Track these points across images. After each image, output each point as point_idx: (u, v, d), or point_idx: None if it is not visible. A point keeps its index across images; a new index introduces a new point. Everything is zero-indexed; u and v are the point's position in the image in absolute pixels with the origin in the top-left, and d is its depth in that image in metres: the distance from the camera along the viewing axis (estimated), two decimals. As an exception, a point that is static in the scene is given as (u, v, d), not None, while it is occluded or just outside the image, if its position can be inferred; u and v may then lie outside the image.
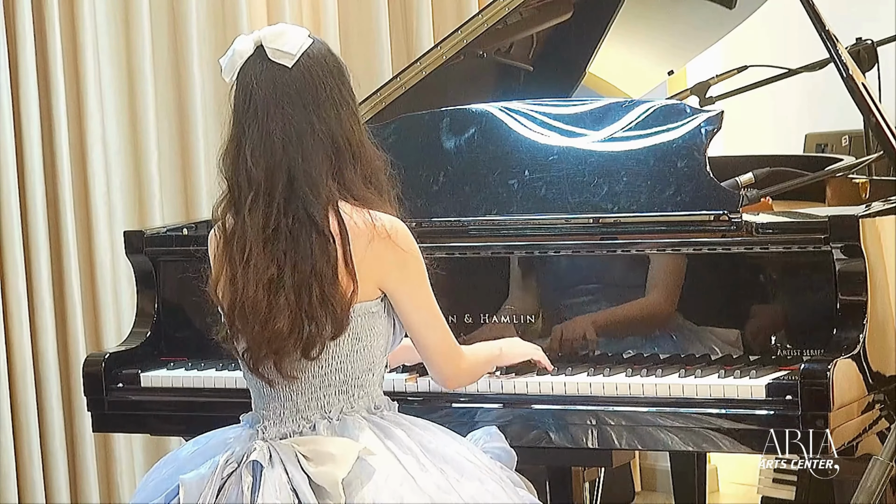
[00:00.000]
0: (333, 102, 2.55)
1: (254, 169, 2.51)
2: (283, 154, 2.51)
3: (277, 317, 2.49)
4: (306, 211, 2.50)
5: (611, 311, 3.09)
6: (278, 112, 2.52)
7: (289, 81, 2.53)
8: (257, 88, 2.53)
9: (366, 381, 2.57)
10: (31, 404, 4.17)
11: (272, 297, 2.49)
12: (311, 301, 2.48)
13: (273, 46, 2.54)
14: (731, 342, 2.99)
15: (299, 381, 2.54)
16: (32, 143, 4.18)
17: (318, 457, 2.46)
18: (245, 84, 2.55)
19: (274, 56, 2.54)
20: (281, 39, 2.55)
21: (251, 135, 2.53)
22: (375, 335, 2.57)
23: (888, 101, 3.88)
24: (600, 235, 3.11)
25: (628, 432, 2.89)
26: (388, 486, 2.45)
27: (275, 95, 2.52)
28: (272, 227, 2.50)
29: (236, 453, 2.51)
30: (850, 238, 2.85)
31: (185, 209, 4.52)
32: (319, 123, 2.53)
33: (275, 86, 2.53)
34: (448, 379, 2.69)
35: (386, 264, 2.54)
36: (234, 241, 2.53)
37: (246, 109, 2.54)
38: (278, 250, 2.50)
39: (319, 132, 2.53)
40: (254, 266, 2.50)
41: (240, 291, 2.51)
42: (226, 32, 4.55)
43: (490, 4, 3.62)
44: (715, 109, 3.13)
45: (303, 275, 2.49)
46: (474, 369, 2.76)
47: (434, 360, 2.66)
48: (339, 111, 2.56)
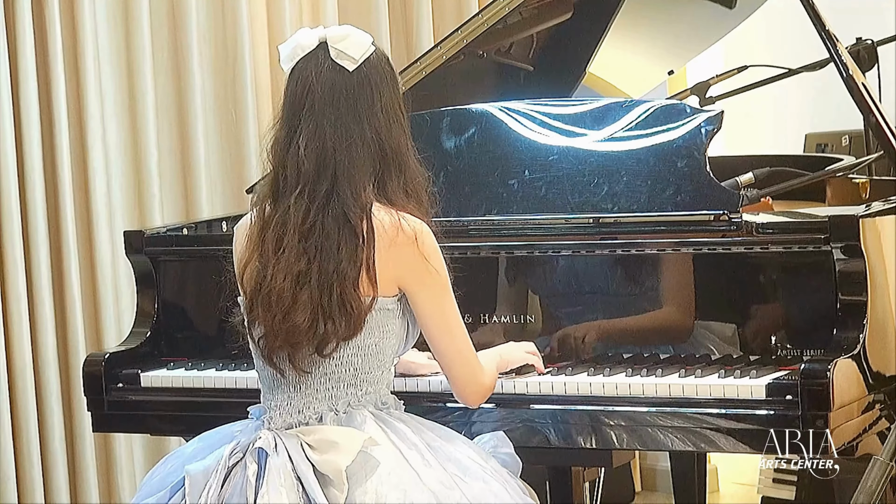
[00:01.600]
0: (386, 113, 2.59)
1: (305, 162, 2.54)
2: (333, 153, 2.54)
3: (299, 310, 2.51)
4: (344, 212, 2.53)
5: (611, 311, 3.09)
6: (335, 111, 2.55)
7: (348, 85, 2.57)
8: (316, 85, 2.56)
9: (375, 377, 2.59)
10: (31, 404, 4.16)
11: (297, 291, 2.52)
12: (331, 300, 2.51)
13: (338, 47, 2.57)
14: (731, 342, 2.98)
15: (310, 374, 2.56)
16: (32, 143, 4.18)
17: (322, 445, 2.48)
18: (304, 78, 2.58)
19: (337, 57, 2.57)
20: (346, 42, 2.58)
21: (305, 128, 2.56)
22: (388, 333, 2.59)
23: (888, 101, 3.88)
24: (600, 235, 3.11)
25: (628, 432, 2.89)
26: (392, 479, 2.47)
27: (332, 96, 2.56)
28: (310, 223, 2.53)
29: (242, 443, 2.53)
30: (850, 238, 2.85)
31: (185, 209, 4.52)
32: (371, 131, 2.57)
33: (333, 86, 2.56)
34: (467, 392, 2.68)
35: (407, 266, 2.56)
36: (272, 228, 2.56)
37: (303, 102, 2.57)
38: (311, 246, 2.53)
39: (369, 139, 2.56)
40: (286, 257, 2.53)
41: (268, 279, 2.53)
42: (226, 32, 4.55)
43: (490, 4, 3.62)
44: (715, 109, 3.12)
45: (326, 273, 2.51)
46: (491, 385, 2.74)
47: (452, 371, 2.66)
48: (391, 122, 2.60)
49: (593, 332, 3.08)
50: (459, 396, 2.69)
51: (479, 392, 2.69)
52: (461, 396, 2.69)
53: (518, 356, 2.96)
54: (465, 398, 2.69)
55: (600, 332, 3.08)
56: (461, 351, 2.64)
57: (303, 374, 2.55)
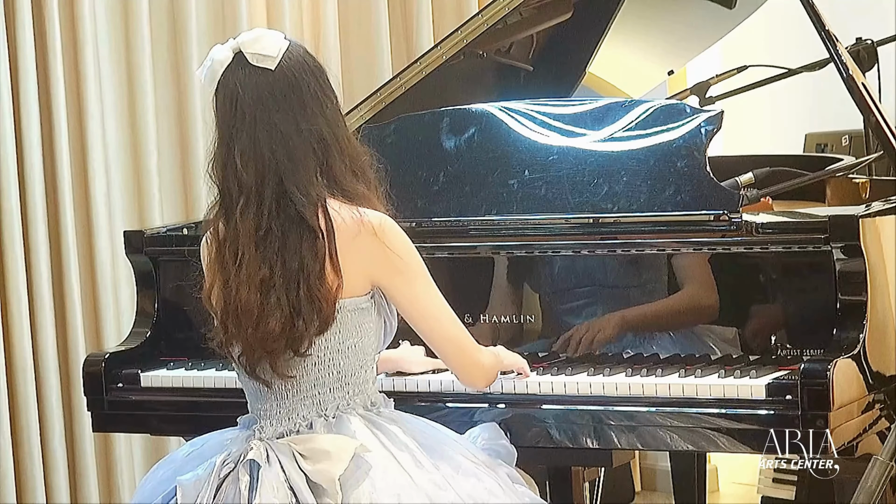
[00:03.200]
0: (317, 100, 2.58)
1: (244, 174, 2.53)
2: (271, 157, 2.53)
3: (269, 317, 2.51)
4: (297, 211, 2.52)
5: (611, 311, 3.09)
6: (265, 114, 2.54)
7: (273, 83, 2.56)
8: (242, 94, 2.55)
9: (359, 377, 2.58)
10: (32, 404, 4.17)
11: (264, 298, 2.51)
12: (299, 296, 2.50)
13: (253, 51, 2.56)
14: (731, 342, 2.98)
15: (294, 380, 2.55)
16: (32, 143, 4.18)
17: (314, 455, 2.47)
18: (230, 91, 2.57)
19: (255, 60, 2.56)
20: (260, 44, 2.57)
21: (239, 140, 2.55)
22: (365, 332, 2.58)
23: (888, 101, 3.89)
24: (600, 235, 3.11)
25: (628, 432, 2.89)
26: (385, 483, 2.46)
27: (260, 98, 2.55)
28: (264, 230, 2.52)
29: (233, 454, 2.52)
30: (850, 238, 2.85)
31: (185, 209, 4.53)
32: (305, 122, 2.55)
33: (259, 89, 2.55)
34: (467, 373, 2.67)
35: (373, 259, 2.56)
36: (227, 246, 2.55)
37: (233, 115, 2.56)
38: (270, 251, 2.52)
39: (306, 131, 2.55)
40: (246, 269, 2.52)
41: (233, 295, 2.53)
42: (226, 32, 4.54)
43: (490, 4, 3.62)
44: (715, 109, 3.12)
45: (291, 272, 2.51)
46: (495, 364, 2.73)
47: (447, 357, 2.66)
48: (324, 108, 2.58)
49: (593, 332, 3.08)
50: (462, 380, 2.69)
51: (480, 372, 2.68)
52: (463, 380, 2.68)
53: (510, 359, 2.95)
54: (468, 379, 2.68)
55: (600, 332, 3.08)
56: (450, 335, 2.63)
57: (287, 379, 2.55)
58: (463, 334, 2.65)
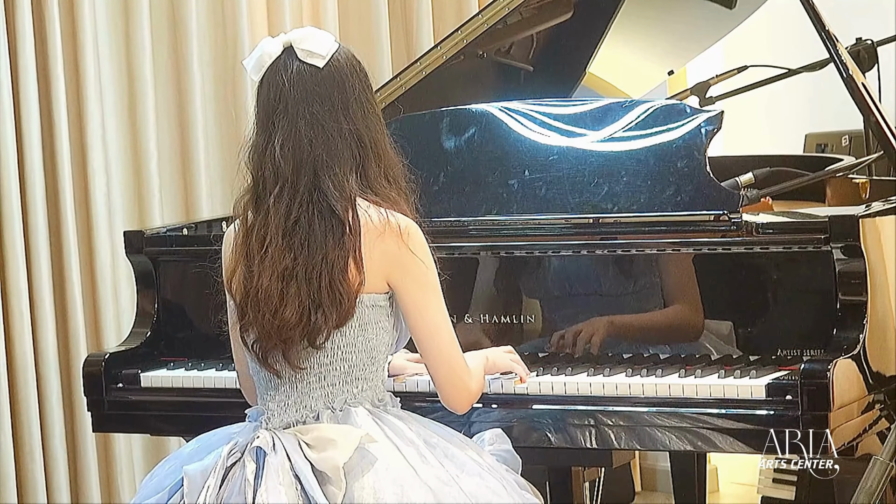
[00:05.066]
0: (360, 104, 2.62)
1: (282, 163, 2.57)
2: (310, 149, 2.57)
3: (287, 306, 2.53)
4: (329, 204, 2.55)
5: (610, 312, 3.09)
6: (308, 110, 2.58)
7: (319, 81, 2.60)
8: (288, 87, 2.59)
9: (369, 373, 2.59)
10: (32, 404, 4.16)
11: (284, 287, 2.54)
12: (320, 288, 2.53)
13: (304, 48, 2.60)
14: (731, 342, 2.98)
15: (305, 372, 2.57)
16: (32, 143, 4.18)
17: (319, 443, 2.49)
18: (275, 82, 2.60)
19: (305, 57, 2.60)
20: (310, 41, 2.61)
21: (280, 131, 2.58)
22: (380, 329, 2.60)
23: (888, 101, 3.89)
24: (600, 235, 3.11)
25: (628, 432, 2.89)
26: (389, 475, 2.47)
27: (306, 93, 2.59)
28: (293, 219, 2.55)
29: (239, 443, 2.54)
30: (850, 238, 2.85)
31: (185, 209, 4.52)
32: (347, 123, 2.59)
33: (306, 85, 2.59)
34: (452, 397, 2.65)
35: (393, 260, 2.58)
36: (254, 234, 2.58)
37: (276, 106, 2.60)
38: (296, 241, 2.55)
39: (346, 131, 2.59)
40: (271, 256, 2.55)
41: (254, 282, 2.55)
42: (226, 32, 4.55)
43: (490, 4, 3.62)
44: (715, 109, 3.12)
45: (314, 263, 2.53)
46: (479, 390, 2.72)
47: (437, 374, 2.65)
48: (366, 112, 2.63)
49: (593, 332, 3.08)
50: (444, 398, 2.67)
51: (464, 397, 2.67)
52: (446, 401, 2.67)
53: (504, 362, 2.94)
54: (451, 402, 2.67)
55: (600, 332, 3.08)
56: (444, 353, 2.63)
57: (298, 370, 2.56)
58: (458, 354, 2.65)
